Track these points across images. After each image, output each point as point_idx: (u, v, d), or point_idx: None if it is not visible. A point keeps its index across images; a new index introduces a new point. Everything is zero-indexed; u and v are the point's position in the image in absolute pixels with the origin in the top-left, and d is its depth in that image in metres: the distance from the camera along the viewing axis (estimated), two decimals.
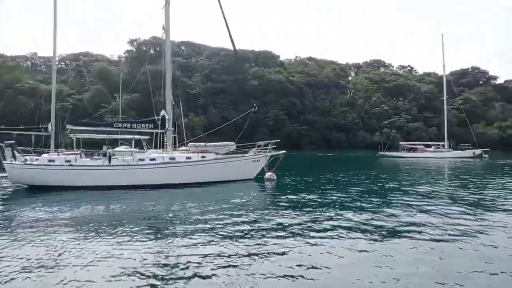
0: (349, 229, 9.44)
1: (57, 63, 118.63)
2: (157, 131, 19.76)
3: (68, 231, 9.24)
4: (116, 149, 41.04)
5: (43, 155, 17.55)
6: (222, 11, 20.66)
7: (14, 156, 16.75)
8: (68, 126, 17.93)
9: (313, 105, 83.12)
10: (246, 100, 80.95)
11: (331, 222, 10.16)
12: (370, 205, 12.86)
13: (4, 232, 9.27)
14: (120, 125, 18.89)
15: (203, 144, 20.21)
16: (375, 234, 8.96)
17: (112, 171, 17.20)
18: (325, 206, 12.76)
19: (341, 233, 9.06)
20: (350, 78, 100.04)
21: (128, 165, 17.53)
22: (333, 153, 61.43)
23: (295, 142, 70.73)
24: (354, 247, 7.86)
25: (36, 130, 23.28)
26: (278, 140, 22.02)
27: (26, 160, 16.86)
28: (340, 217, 10.90)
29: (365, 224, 9.90)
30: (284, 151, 21.69)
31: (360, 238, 8.65)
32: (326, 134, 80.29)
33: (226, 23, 20.74)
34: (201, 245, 8.10)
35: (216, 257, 7.26)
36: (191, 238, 8.69)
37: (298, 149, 65.67)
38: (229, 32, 20.78)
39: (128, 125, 19.03)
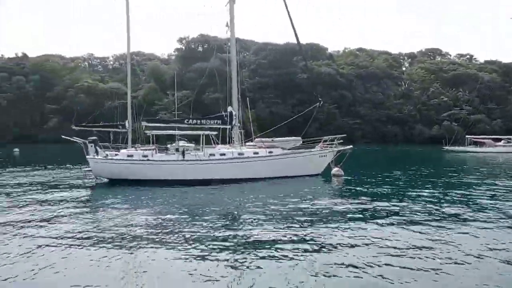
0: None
1: (112, 62, 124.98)
2: (225, 127, 20.04)
3: (144, 224, 9.64)
4: (174, 144, 42.05)
5: (122, 151, 18.48)
6: (286, 5, 20.47)
7: (96, 152, 17.80)
8: (143, 123, 18.72)
9: (365, 98, 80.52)
10: (293, 94, 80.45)
11: (395, 217, 9.86)
12: (463, 207, 11.98)
13: (89, 221, 9.95)
14: (190, 121, 19.39)
15: (269, 139, 20.20)
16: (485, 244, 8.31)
17: (185, 165, 17.72)
18: (399, 203, 12.22)
19: (421, 237, 8.19)
20: (404, 69, 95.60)
21: (201, 160, 17.96)
22: (389, 147, 59.22)
23: (348, 136, 68.92)
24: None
25: (115, 127, 24.58)
26: (345, 135, 21.46)
27: (107, 155, 17.84)
28: (422, 219, 9.86)
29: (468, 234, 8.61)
30: (351, 146, 21.13)
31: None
32: (379, 127, 77.48)
33: (290, 17, 20.51)
34: (279, 240, 8.06)
35: (291, 251, 7.26)
36: (264, 231, 8.75)
37: (350, 143, 63.95)
38: (292, 25, 20.56)
39: (198, 121, 19.47)
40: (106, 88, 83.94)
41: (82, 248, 7.53)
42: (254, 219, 10.07)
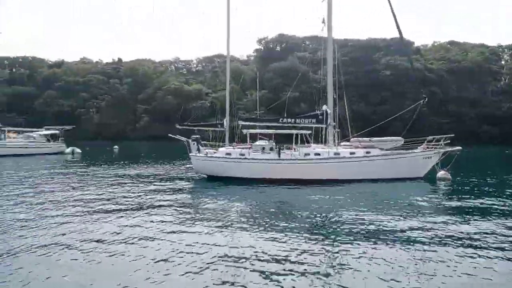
0: None
1: (195, 65, 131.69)
2: (320, 126, 19.61)
3: (239, 221, 9.87)
4: (256, 143, 42.42)
5: (220, 149, 19.14)
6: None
7: (198, 149, 18.70)
8: (240, 122, 19.17)
9: (457, 95, 73.57)
10: (376, 92, 76.67)
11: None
12: None
13: (188, 216, 10.39)
14: (285, 120, 19.34)
15: (367, 139, 19.27)
16: None
17: (281, 164, 17.69)
18: None
19: None
20: (503, 62, 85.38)
21: (296, 159, 17.78)
22: (486, 148, 53.20)
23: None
24: None
25: (214, 126, 25.65)
26: (453, 135, 19.57)
27: (207, 153, 18.62)
28: None
29: None
30: (459, 148, 19.17)
31: None
32: (474, 127, 70.18)
33: (392, 9, 19.32)
34: (364, 249, 7.38)
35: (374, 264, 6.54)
36: (350, 239, 8.09)
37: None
38: (395, 19, 19.31)
39: (292, 120, 19.33)
40: (190, 90, 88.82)
41: (191, 226, 9.00)
42: (346, 230, 9.00)
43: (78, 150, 30.85)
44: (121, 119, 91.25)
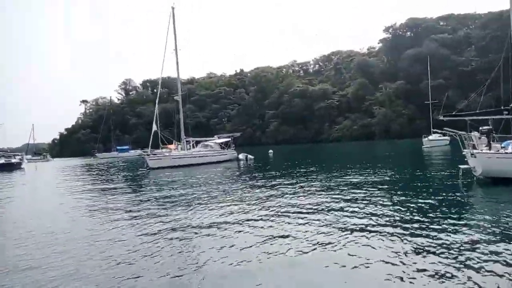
0: None
1: (312, 66, 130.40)
2: None
3: None
4: (429, 137, 36.64)
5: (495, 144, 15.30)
6: None
7: (489, 144, 14.79)
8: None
9: None
10: None
11: None
12: None
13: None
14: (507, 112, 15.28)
15: None
16: None
17: None
18: None
19: None
20: None
21: None
22: None
23: None
24: None
25: (497, 114, 19.03)
26: None
27: (502, 147, 14.75)
28: None
29: None
30: None
31: None
32: None
33: None
34: None
35: None
36: None
37: None
38: None
39: None
40: (316, 90, 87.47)
41: None
42: None
43: (251, 157, 31.38)
44: (250, 125, 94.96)
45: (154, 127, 28.59)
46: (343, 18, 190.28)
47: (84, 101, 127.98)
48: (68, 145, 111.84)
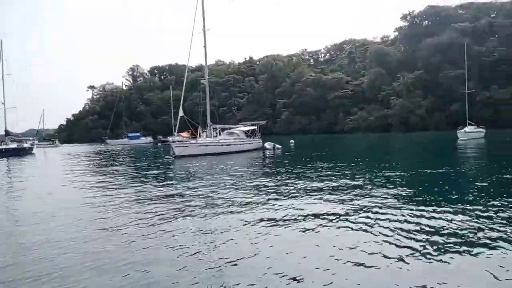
0: None
1: (323, 54, 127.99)
2: None
3: None
4: (465, 129, 34.81)
5: None
6: None
7: None
8: None
9: None
10: None
11: None
12: None
13: None
14: None
15: None
16: None
17: None
18: None
19: None
20: None
21: None
22: None
23: None
24: None
25: None
26: None
27: None
28: None
29: None
30: None
31: None
32: None
33: None
34: None
35: None
36: None
37: None
38: None
39: None
40: (329, 79, 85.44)
41: None
42: None
43: (279, 146, 29.74)
44: (261, 115, 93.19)
45: (181, 112, 27.18)
46: (343, 18, 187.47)
47: (91, 87, 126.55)
48: (75, 131, 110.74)
